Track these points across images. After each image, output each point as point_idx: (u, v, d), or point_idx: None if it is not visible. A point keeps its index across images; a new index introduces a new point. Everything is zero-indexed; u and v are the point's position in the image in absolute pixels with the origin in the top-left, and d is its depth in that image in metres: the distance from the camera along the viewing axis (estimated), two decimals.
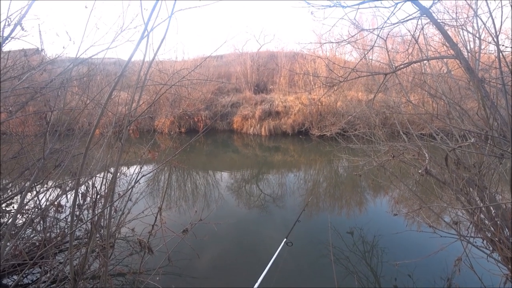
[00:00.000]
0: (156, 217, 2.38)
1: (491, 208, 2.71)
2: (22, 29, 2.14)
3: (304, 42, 17.13)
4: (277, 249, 2.66)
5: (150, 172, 3.58)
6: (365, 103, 8.87)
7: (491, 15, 2.26)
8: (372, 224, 4.48)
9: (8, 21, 2.08)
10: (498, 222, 2.56)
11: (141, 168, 3.04)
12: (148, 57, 2.06)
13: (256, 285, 2.14)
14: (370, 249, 3.82)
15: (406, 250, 3.75)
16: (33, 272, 2.92)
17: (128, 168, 3.74)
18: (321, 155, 9.93)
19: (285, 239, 2.84)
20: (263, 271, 2.36)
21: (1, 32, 2.06)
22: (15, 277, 2.71)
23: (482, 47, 3.10)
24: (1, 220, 3.07)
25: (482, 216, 2.77)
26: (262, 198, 5.84)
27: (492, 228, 2.64)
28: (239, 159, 9.88)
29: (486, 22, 2.67)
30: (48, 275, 2.60)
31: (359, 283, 3.14)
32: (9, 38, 2.14)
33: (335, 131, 8.19)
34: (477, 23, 2.95)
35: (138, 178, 2.52)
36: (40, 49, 2.98)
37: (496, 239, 2.53)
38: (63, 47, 2.80)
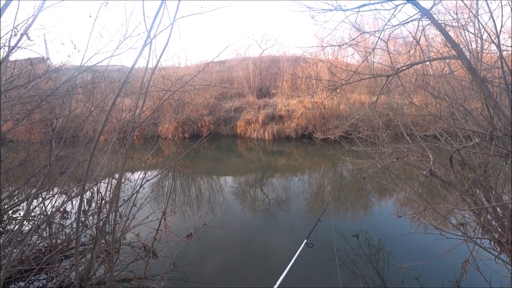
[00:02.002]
0: (160, 222, 2.39)
1: (498, 208, 2.68)
2: (28, 38, 2.20)
3: (306, 46, 17.23)
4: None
5: (154, 177, 3.60)
6: (368, 105, 8.86)
7: (491, 16, 2.26)
8: (378, 227, 4.44)
9: (14, 31, 2.13)
10: (506, 222, 2.52)
11: (145, 173, 3.06)
12: (151, 64, 2.10)
13: (276, 286, 2.14)
14: (376, 252, 3.79)
15: (412, 253, 3.71)
16: (39, 278, 2.93)
17: (132, 173, 3.77)
18: (325, 158, 9.90)
19: (305, 240, 2.83)
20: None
21: (8, 42, 2.11)
22: (21, 283, 2.73)
23: (484, 47, 3.09)
24: (8, 226, 3.11)
25: (488, 217, 2.74)
26: (266, 203, 5.83)
27: (499, 229, 2.61)
28: (243, 164, 9.89)
29: (487, 22, 2.67)
30: (54, 281, 2.61)
31: (365, 286, 3.11)
32: (16, 48, 2.19)
33: (338, 134, 8.17)
34: (478, 24, 2.94)
35: (142, 184, 2.54)
36: (45, 58, 3.04)
37: (504, 240, 2.50)
38: (68, 56, 2.86)
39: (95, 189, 3.19)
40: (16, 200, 3.02)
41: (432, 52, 3.59)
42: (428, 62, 3.76)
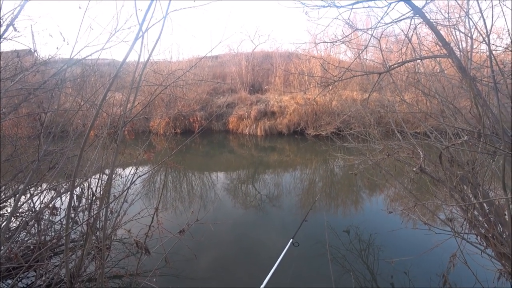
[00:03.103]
0: (152, 218, 2.37)
1: (485, 204, 2.75)
2: (15, 29, 2.13)
3: (299, 42, 17.10)
4: (283, 249, 2.63)
5: (145, 173, 3.56)
6: (360, 102, 8.93)
7: (482, 15, 2.29)
8: (368, 223, 4.51)
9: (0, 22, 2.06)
10: (492, 218, 2.59)
11: (136, 169, 3.03)
12: (143, 58, 2.06)
13: (262, 286, 2.14)
14: (366, 247, 3.85)
15: (402, 248, 3.79)
16: (28, 276, 2.88)
17: (123, 169, 3.72)
18: (316, 155, 9.97)
19: (291, 240, 2.82)
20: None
21: None
22: (9, 281, 2.68)
23: (474, 46, 3.15)
24: None
25: (475, 212, 2.81)
26: (258, 199, 5.85)
27: (485, 224, 2.68)
28: (235, 160, 9.88)
29: (477, 22, 2.71)
30: (43, 278, 2.57)
31: (356, 281, 3.16)
32: (1, 39, 2.11)
33: (330, 131, 8.24)
34: (469, 23, 2.99)
35: (133, 179, 2.51)
36: (33, 50, 2.95)
37: (490, 235, 2.57)
38: (57, 48, 2.77)
39: (85, 185, 3.14)
40: (3, 196, 2.94)
41: (423, 51, 3.63)
42: (419, 60, 3.80)
